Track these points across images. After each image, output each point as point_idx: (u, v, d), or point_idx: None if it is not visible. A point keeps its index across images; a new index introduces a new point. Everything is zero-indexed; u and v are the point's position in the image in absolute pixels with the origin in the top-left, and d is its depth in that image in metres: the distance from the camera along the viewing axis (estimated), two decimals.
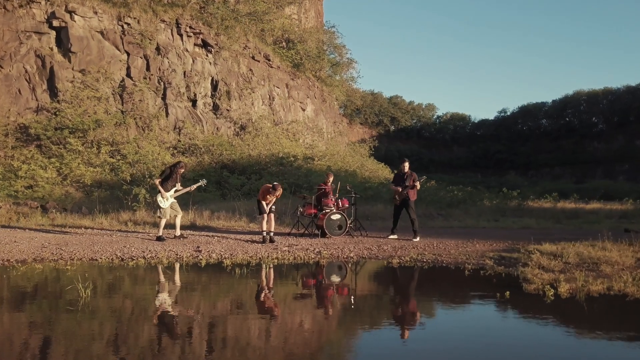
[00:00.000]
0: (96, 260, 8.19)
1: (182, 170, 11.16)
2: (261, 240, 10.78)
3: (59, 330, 4.55)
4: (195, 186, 11.30)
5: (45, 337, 4.37)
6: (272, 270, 7.89)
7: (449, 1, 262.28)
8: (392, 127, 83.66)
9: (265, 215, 10.95)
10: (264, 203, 10.98)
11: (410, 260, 8.66)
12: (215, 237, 11.29)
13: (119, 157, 20.93)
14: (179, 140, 24.50)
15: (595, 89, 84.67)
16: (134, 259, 8.27)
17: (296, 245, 10.31)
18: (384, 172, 35.08)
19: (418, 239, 11.48)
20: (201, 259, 8.42)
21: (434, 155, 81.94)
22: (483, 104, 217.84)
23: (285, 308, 5.69)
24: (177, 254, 8.73)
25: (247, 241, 10.83)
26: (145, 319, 5.07)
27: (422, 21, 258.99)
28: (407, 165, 12.05)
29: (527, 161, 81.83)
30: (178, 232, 11.10)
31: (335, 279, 7.71)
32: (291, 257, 8.77)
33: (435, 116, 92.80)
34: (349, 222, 11.81)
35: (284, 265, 8.25)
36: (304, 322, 5.05)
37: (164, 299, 5.94)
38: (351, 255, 9.23)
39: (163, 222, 10.89)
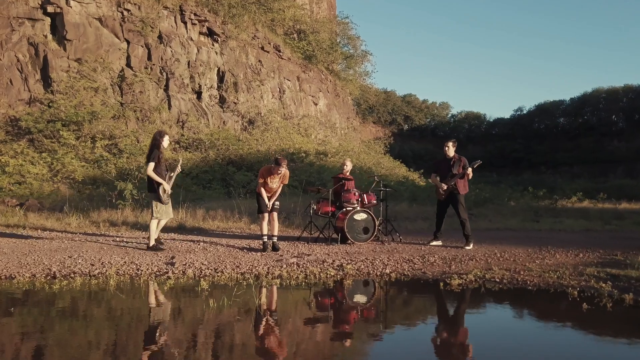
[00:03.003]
0: (14, 278, 6.04)
1: (165, 138, 8.26)
2: (261, 247, 8.41)
3: None
4: (179, 166, 8.50)
5: None
6: (270, 297, 5.51)
7: (463, 1, 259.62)
8: (406, 126, 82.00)
9: (267, 215, 8.47)
10: (264, 195, 8.46)
11: (476, 279, 6.23)
12: (202, 243, 8.91)
13: (115, 152, 19.26)
14: (182, 135, 22.78)
15: (615, 86, 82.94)
16: (71, 277, 6.13)
17: (308, 255, 7.86)
18: (401, 170, 33.32)
19: (471, 246, 8.96)
20: (169, 277, 6.15)
21: None
22: (498, 102, 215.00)
23: None
24: (137, 268, 6.55)
25: (242, 249, 8.46)
26: None
27: (435, 20, 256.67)
28: (452, 147, 9.19)
29: (544, 160, 79.74)
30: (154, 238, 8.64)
31: (372, 314, 5.04)
32: (301, 275, 6.41)
33: (449, 115, 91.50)
34: (377, 223, 9.29)
35: (290, 287, 5.85)
36: None
37: None
38: (387, 271, 6.72)
39: (155, 225, 8.23)
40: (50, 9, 21.51)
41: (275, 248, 8.30)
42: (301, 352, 3.83)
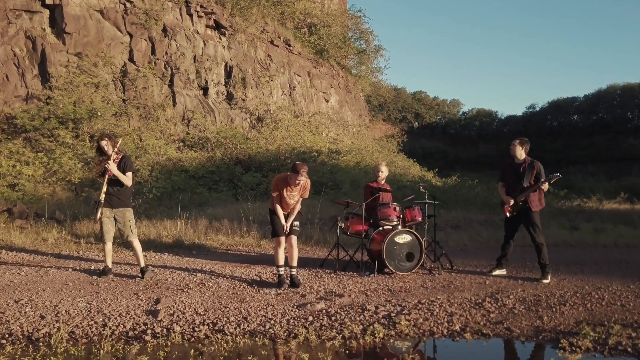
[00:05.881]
0: None
1: (104, 142, 6.69)
2: (276, 281, 6.63)
3: None
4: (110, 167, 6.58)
5: None
6: None
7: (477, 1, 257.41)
8: (416, 124, 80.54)
9: (283, 239, 6.61)
10: (280, 214, 6.63)
11: (595, 347, 4.33)
12: (199, 274, 6.99)
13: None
14: (188, 133, 21.56)
15: (631, 82, 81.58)
16: None
17: (340, 296, 5.91)
18: (415, 170, 31.91)
19: (549, 279, 7.07)
20: (145, 343, 4.27)
21: (460, 152, 78.61)
22: (510, 100, 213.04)
23: None
24: (103, 324, 4.68)
25: (251, 283, 6.59)
26: None
27: (446, 20, 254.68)
28: (519, 147, 7.23)
29: (558, 158, 78.16)
30: (110, 261, 6.98)
31: None
32: (337, 339, 4.45)
33: (460, 112, 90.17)
34: (424, 246, 7.35)
35: None
36: None
37: None
38: (456, 327, 4.84)
39: (106, 249, 6.87)
40: (49, 0, 20.35)
41: (294, 283, 6.50)
42: None
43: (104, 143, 6.71)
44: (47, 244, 9.03)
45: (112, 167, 6.59)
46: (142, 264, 6.90)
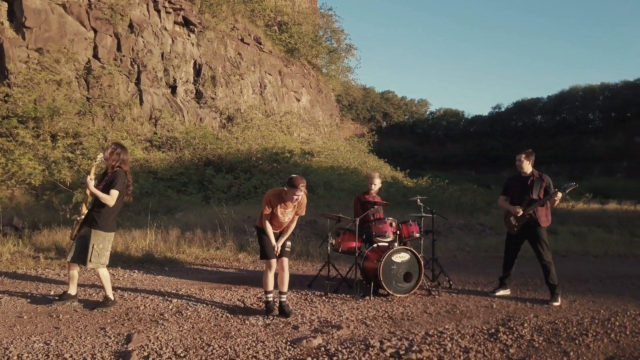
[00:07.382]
0: None
1: (99, 158, 5.94)
2: (263, 308, 5.84)
3: None
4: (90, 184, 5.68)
5: None
6: None
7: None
8: (385, 123, 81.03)
9: (274, 262, 5.83)
10: (270, 233, 5.84)
11: None
12: (175, 300, 6.13)
13: (78, 153, 17.27)
14: (155, 133, 20.83)
15: (592, 84, 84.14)
16: None
17: (336, 326, 5.20)
18: (386, 170, 31.77)
19: (559, 301, 6.60)
20: None
21: (428, 152, 79.44)
22: (476, 100, 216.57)
23: None
24: None
25: (234, 311, 5.80)
26: None
27: (412, 16, 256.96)
28: (526, 161, 6.80)
29: None
30: (74, 289, 5.96)
31: None
32: None
33: (428, 112, 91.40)
34: (423, 266, 6.72)
35: None
36: None
37: None
38: None
39: (71, 273, 5.93)
40: None
41: (284, 312, 5.68)
42: None
43: (99, 158, 5.88)
44: (2, 260, 8.00)
45: (90, 183, 5.67)
46: (108, 292, 5.92)
